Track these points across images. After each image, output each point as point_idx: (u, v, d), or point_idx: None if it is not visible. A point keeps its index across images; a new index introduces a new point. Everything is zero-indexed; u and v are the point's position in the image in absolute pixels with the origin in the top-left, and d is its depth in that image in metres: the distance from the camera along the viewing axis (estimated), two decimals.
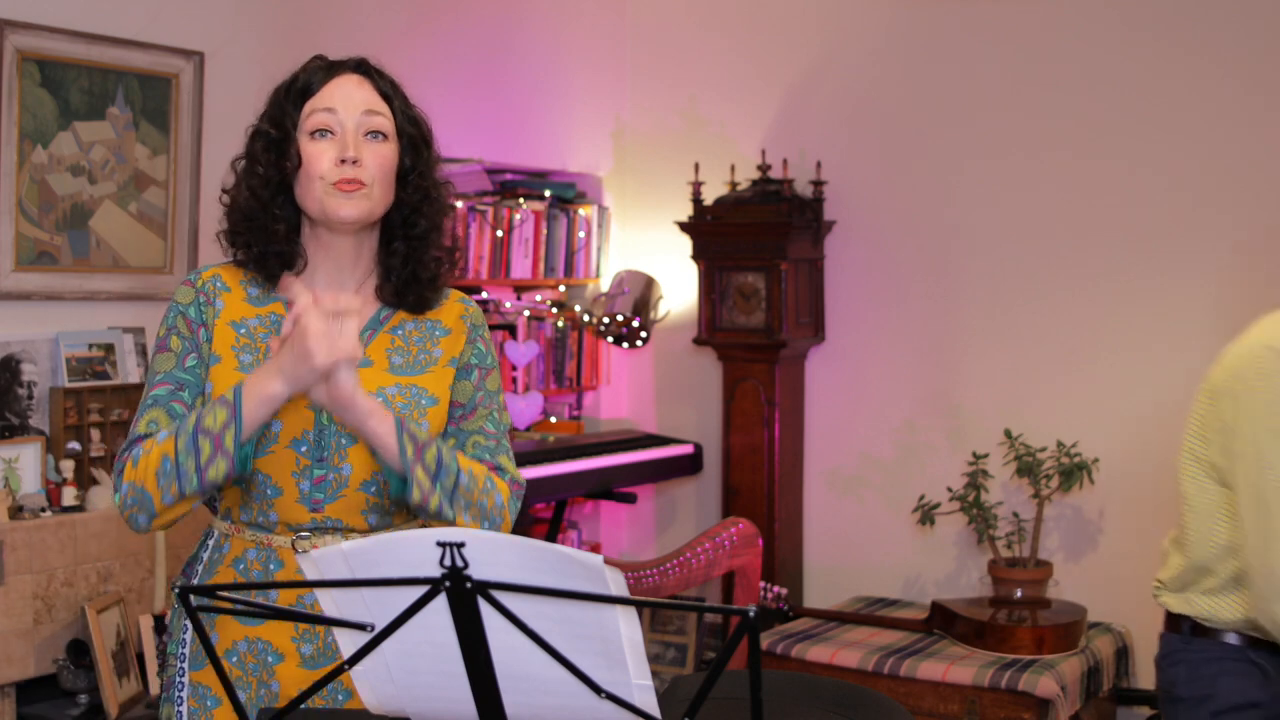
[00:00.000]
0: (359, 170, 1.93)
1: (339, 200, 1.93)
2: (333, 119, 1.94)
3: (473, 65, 4.63)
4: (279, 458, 1.92)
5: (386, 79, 2.02)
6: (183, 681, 1.97)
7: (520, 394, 4.64)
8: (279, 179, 1.96)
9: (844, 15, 4.75)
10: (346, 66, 2.00)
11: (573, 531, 5.00)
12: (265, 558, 1.94)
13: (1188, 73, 4.17)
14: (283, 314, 1.98)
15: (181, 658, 1.98)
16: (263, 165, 1.96)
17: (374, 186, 1.94)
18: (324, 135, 1.94)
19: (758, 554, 3.91)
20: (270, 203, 1.96)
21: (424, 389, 1.98)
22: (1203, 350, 4.17)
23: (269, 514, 1.93)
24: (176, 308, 1.99)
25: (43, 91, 3.41)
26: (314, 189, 1.94)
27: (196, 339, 1.96)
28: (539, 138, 4.93)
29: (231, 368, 1.94)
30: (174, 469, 1.83)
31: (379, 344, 2.01)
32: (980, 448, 4.29)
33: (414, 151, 2.01)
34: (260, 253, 1.97)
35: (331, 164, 1.93)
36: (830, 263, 4.77)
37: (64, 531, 3.27)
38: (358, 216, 1.94)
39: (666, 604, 1.30)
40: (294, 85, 1.99)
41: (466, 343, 2.06)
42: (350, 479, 1.93)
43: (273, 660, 1.93)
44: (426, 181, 2.02)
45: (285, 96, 1.98)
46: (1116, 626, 4.21)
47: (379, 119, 1.96)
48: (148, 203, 3.67)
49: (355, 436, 1.92)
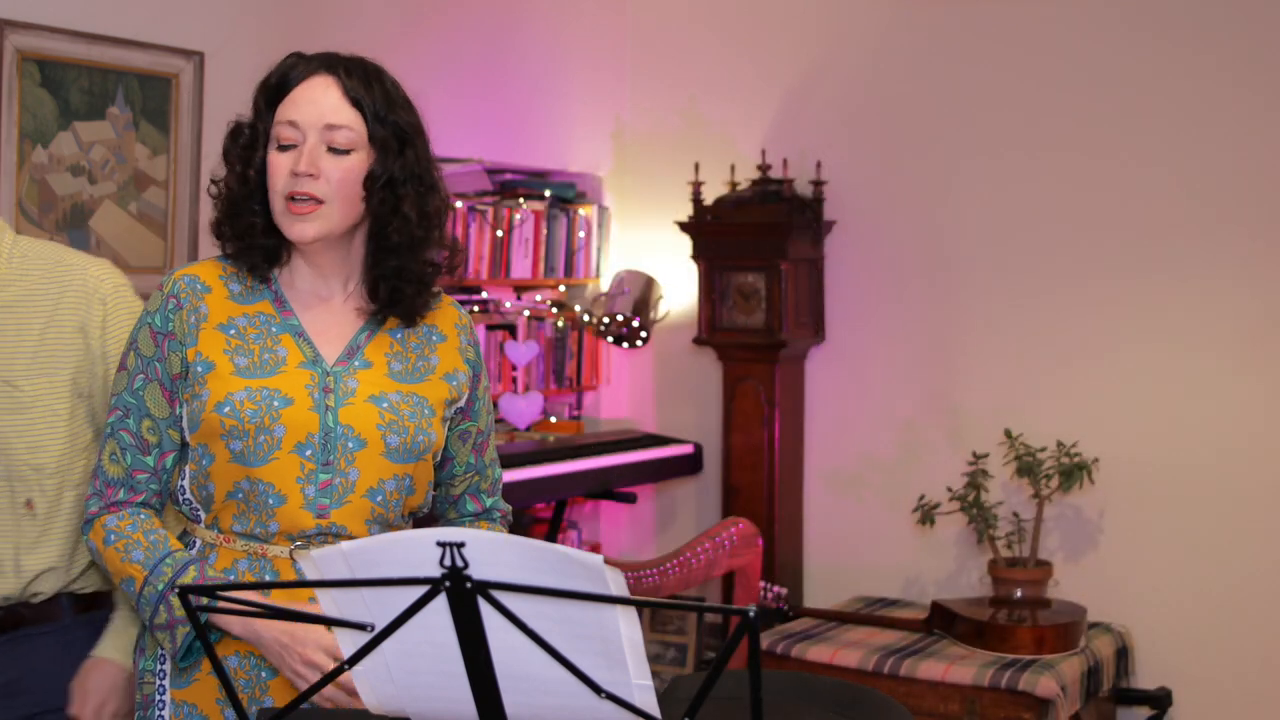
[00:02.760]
0: (314, 185, 1.87)
1: (291, 220, 1.89)
2: (295, 133, 1.89)
3: (473, 65, 4.63)
4: (283, 464, 1.86)
5: (358, 78, 1.91)
6: (163, 700, 1.91)
7: (520, 394, 4.64)
8: (257, 178, 1.92)
9: (844, 15, 4.75)
10: (317, 65, 1.92)
11: (573, 531, 4.99)
12: (259, 569, 1.88)
13: (1189, 72, 4.17)
14: (270, 312, 1.94)
15: (160, 674, 1.92)
16: (239, 165, 1.94)
17: (332, 203, 1.88)
18: (286, 149, 1.90)
19: (758, 554, 3.92)
20: (249, 199, 1.93)
21: (425, 399, 1.96)
22: (1203, 349, 4.18)
23: (268, 524, 1.87)
24: (144, 318, 1.95)
25: (43, 91, 3.41)
26: (275, 203, 1.90)
27: (159, 353, 1.91)
28: (539, 138, 4.93)
29: (228, 373, 1.88)
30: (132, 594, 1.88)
31: (377, 345, 1.97)
32: (980, 448, 4.29)
33: (385, 157, 1.90)
34: (245, 246, 1.95)
35: (287, 177, 1.88)
36: (830, 263, 4.77)
37: None
38: (312, 236, 1.89)
39: (666, 604, 1.30)
40: (267, 85, 1.94)
41: (473, 363, 2.05)
42: (357, 484, 1.89)
43: (266, 675, 1.89)
44: (402, 190, 1.91)
45: (261, 96, 1.95)
46: (1116, 626, 4.21)
47: (340, 133, 1.88)
48: (148, 203, 3.68)
49: (363, 440, 1.89)
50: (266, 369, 1.89)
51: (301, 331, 1.94)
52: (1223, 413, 4.13)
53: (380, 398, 1.92)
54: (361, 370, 1.94)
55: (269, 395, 1.87)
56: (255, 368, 1.89)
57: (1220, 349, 4.15)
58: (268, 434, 1.85)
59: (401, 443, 1.91)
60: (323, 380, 1.91)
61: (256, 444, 1.85)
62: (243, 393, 1.87)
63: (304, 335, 1.94)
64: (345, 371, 1.93)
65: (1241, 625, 4.11)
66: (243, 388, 1.87)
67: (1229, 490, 4.12)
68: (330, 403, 1.89)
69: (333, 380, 1.91)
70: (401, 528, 1.97)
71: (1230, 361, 4.13)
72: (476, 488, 2.09)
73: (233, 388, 1.87)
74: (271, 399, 1.87)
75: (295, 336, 1.94)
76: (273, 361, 1.90)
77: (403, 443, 1.91)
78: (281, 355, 1.91)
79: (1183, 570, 4.19)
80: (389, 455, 1.91)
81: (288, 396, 1.87)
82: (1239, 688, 4.10)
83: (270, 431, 1.85)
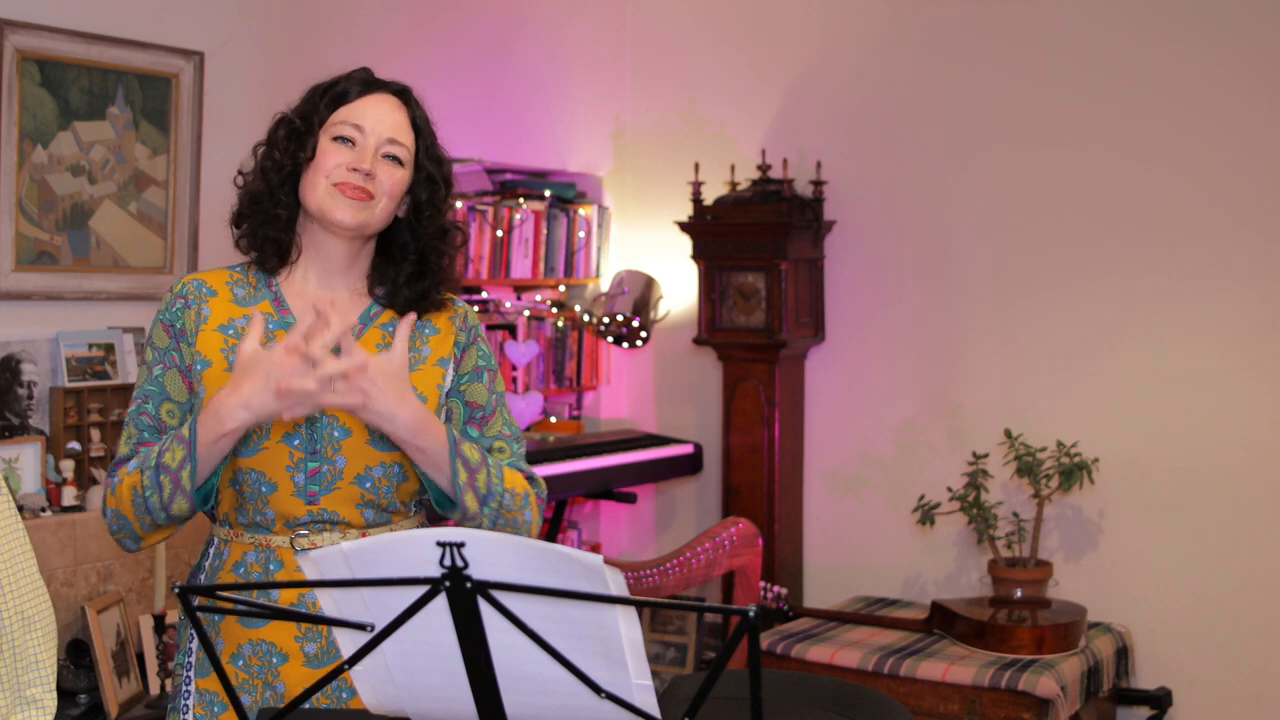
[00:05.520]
0: (370, 182, 1.96)
1: (337, 202, 1.96)
2: (357, 134, 1.98)
3: (473, 65, 4.63)
4: (271, 454, 1.93)
5: (422, 112, 2.05)
6: (189, 690, 1.98)
7: (520, 394, 4.64)
8: (291, 168, 1.99)
9: (844, 15, 4.75)
10: (389, 88, 2.03)
11: (573, 531, 5.00)
12: (264, 559, 1.95)
13: (1191, 72, 4.17)
14: (268, 311, 2.00)
15: (188, 666, 1.99)
16: (280, 151, 2.00)
17: (379, 201, 1.97)
18: (344, 142, 1.98)
19: (758, 554, 3.92)
20: (278, 189, 1.99)
21: (414, 388, 1.98)
22: (1203, 349, 4.18)
23: (265, 511, 1.94)
24: (157, 317, 2.02)
25: (43, 91, 3.41)
26: (317, 186, 1.97)
27: (173, 345, 1.98)
28: (539, 138, 4.93)
29: (221, 370, 1.95)
30: (143, 502, 1.89)
31: (369, 339, 2.02)
32: (980, 448, 4.29)
33: (430, 186, 2.03)
34: (261, 238, 2.00)
35: (340, 167, 1.96)
36: (830, 263, 4.77)
37: (64, 531, 3.27)
38: (354, 223, 1.96)
39: (666, 604, 1.30)
40: (333, 88, 2.02)
41: (464, 345, 2.07)
42: (344, 471, 1.94)
43: (277, 661, 1.94)
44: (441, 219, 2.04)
45: (320, 96, 2.01)
46: (1116, 626, 4.21)
47: (401, 148, 1.99)
48: (148, 203, 3.67)
49: (349, 429, 1.94)
50: None
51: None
52: (1223, 413, 4.13)
53: None
54: None
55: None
56: None
57: (1220, 349, 4.15)
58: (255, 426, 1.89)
59: None
60: None
61: (245, 435, 1.90)
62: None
63: None
64: None
65: (1241, 625, 4.11)
66: None
67: (1229, 490, 4.12)
68: None
69: None
70: (402, 513, 2.01)
71: (1230, 361, 4.13)
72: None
73: (223, 383, 1.91)
74: None
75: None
76: None
77: None
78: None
79: (1183, 570, 4.19)
80: (373, 443, 1.95)
81: None
82: (1239, 688, 4.10)
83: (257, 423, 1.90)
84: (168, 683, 3.37)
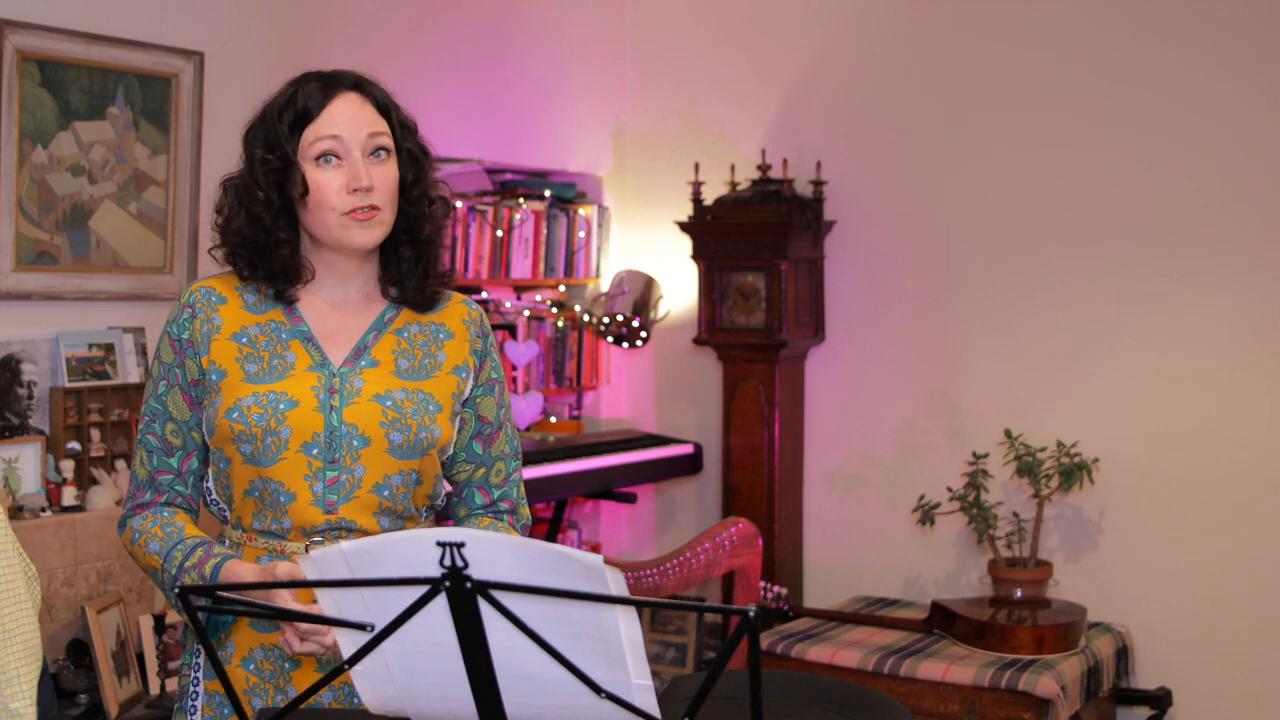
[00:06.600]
0: (371, 196, 1.94)
1: (356, 230, 1.94)
2: (338, 145, 1.94)
3: (473, 65, 4.63)
4: (290, 463, 1.91)
5: (379, 90, 2.01)
6: (197, 690, 1.98)
7: (520, 394, 4.64)
8: (281, 204, 1.95)
9: (844, 15, 4.75)
10: (343, 84, 1.97)
11: (573, 531, 5.00)
12: None
13: (1191, 71, 4.17)
14: (280, 319, 1.99)
15: (195, 667, 2.00)
16: (264, 190, 1.95)
17: (385, 209, 1.96)
18: (329, 160, 1.94)
19: (758, 554, 3.92)
20: (273, 227, 1.96)
21: (430, 395, 1.99)
22: (1203, 349, 4.18)
23: (282, 520, 1.93)
24: (165, 328, 2.02)
25: (43, 91, 3.41)
26: (327, 219, 1.94)
27: (178, 359, 1.98)
28: (539, 138, 4.93)
29: (238, 380, 1.94)
30: (159, 583, 1.97)
31: (384, 345, 2.01)
32: (980, 448, 4.29)
33: (414, 162, 2.01)
34: (267, 272, 1.98)
35: (340, 192, 1.93)
36: (830, 263, 4.77)
37: (64, 531, 3.27)
38: (373, 242, 1.97)
39: (666, 604, 1.30)
40: (290, 108, 1.95)
41: (479, 353, 2.07)
42: (363, 480, 1.93)
43: (289, 666, 1.94)
44: (430, 189, 2.03)
45: (280, 120, 1.95)
46: (1116, 626, 4.21)
47: (382, 137, 1.96)
48: (148, 203, 3.67)
49: (367, 438, 1.94)
50: (275, 374, 1.95)
51: (310, 336, 2.00)
52: (1223, 413, 4.13)
53: (385, 396, 1.96)
54: (368, 369, 1.98)
55: (275, 399, 1.93)
56: (264, 373, 1.95)
57: (1220, 348, 4.15)
58: (274, 436, 1.90)
59: (405, 440, 1.95)
60: (329, 381, 1.96)
61: (265, 445, 1.91)
62: (250, 398, 1.93)
63: (312, 340, 1.99)
64: (351, 372, 1.98)
65: (1241, 625, 4.11)
66: (250, 393, 1.93)
67: (1229, 490, 4.12)
68: (335, 403, 1.94)
69: (339, 381, 1.96)
70: (416, 519, 2.01)
71: (1230, 361, 4.13)
72: (485, 480, 2.09)
73: (241, 394, 1.92)
74: (277, 402, 1.92)
75: (304, 341, 1.99)
76: (281, 367, 1.96)
77: (406, 440, 1.95)
78: (290, 360, 1.97)
79: (1183, 570, 4.19)
80: (393, 452, 1.94)
81: (293, 399, 1.93)
82: (1239, 688, 4.10)
83: (276, 434, 1.91)
84: (168, 683, 3.37)
